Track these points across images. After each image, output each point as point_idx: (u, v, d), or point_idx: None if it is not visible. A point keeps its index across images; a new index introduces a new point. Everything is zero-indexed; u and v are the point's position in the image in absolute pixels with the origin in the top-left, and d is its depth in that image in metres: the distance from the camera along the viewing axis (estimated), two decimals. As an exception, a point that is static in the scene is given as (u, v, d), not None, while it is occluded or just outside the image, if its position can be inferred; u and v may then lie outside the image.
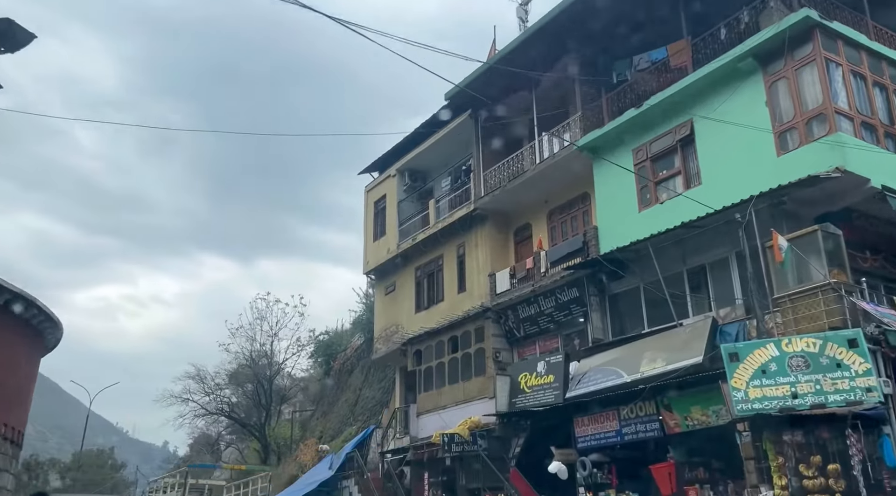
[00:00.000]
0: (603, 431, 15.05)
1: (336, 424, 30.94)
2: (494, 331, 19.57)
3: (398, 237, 23.66)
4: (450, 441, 18.32)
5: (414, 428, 21.61)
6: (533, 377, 16.95)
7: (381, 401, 26.86)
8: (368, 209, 25.72)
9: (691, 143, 15.34)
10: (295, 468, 28.38)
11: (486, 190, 20.24)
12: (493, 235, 20.51)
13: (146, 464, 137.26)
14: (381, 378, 27.93)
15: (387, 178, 24.87)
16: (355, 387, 30.84)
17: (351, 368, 33.21)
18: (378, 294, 25.28)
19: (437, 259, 22.28)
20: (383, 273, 24.72)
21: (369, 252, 25.29)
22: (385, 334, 24.11)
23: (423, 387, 21.66)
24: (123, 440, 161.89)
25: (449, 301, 21.49)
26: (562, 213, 19.13)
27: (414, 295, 23.11)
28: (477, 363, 19.81)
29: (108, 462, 79.25)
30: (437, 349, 21.40)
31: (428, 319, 21.96)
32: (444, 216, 21.81)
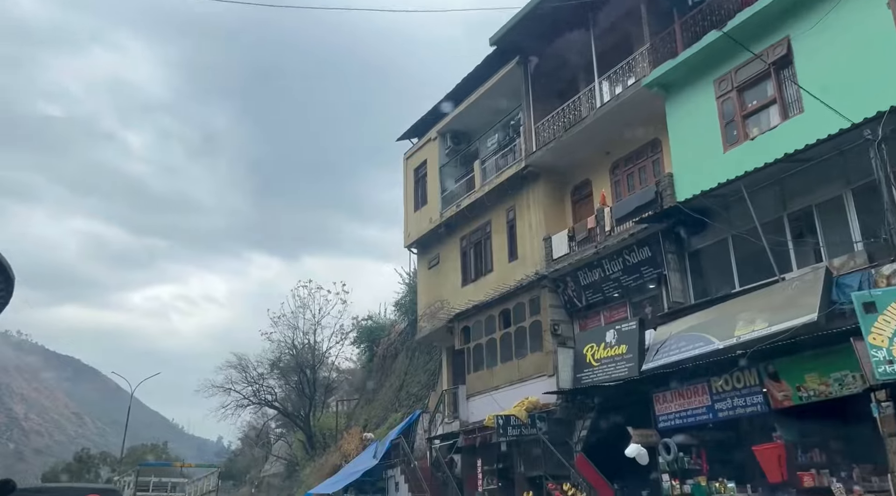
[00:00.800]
0: (690, 408, 12.55)
1: (380, 412, 28.91)
2: (552, 301, 17.20)
3: (441, 205, 21.40)
4: (505, 424, 16.02)
5: (464, 411, 19.37)
6: (601, 348, 14.53)
7: (426, 385, 24.69)
8: (408, 177, 23.50)
9: (788, 65, 12.70)
10: (338, 458, 26.42)
11: (539, 144, 17.82)
12: (548, 195, 18.10)
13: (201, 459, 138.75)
14: (427, 360, 25.76)
15: (427, 143, 22.62)
16: (399, 372, 28.75)
17: (395, 353, 31.14)
18: (421, 268, 23.07)
19: (485, 226, 19.95)
20: (426, 245, 22.48)
21: (410, 223, 23.09)
22: (429, 311, 21.90)
23: (473, 366, 19.41)
24: (179, 435, 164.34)
25: (499, 271, 19.16)
26: (627, 164, 16.61)
27: (460, 267, 20.82)
28: (533, 338, 17.46)
29: (162, 456, 79.44)
30: (488, 324, 19.10)
31: (476, 292, 19.68)
32: (491, 177, 19.47)
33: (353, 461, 24.33)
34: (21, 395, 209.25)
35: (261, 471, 71.23)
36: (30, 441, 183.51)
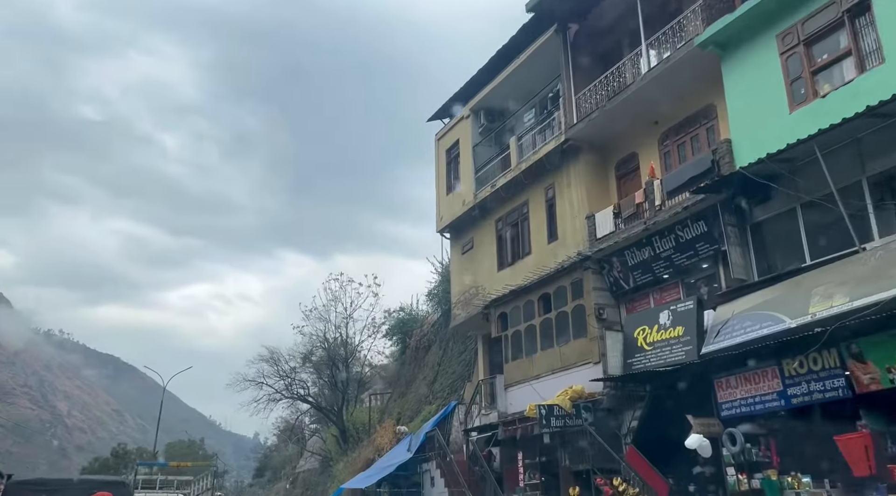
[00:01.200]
0: (759, 394, 11.22)
1: (414, 404, 27.89)
2: (595, 283, 15.94)
3: (475, 186, 20.25)
4: (548, 414, 14.82)
5: (502, 402, 18.21)
6: (654, 331, 13.26)
7: (461, 376, 23.58)
8: (440, 159, 22.39)
9: (865, 12, 11.30)
10: (371, 452, 25.47)
11: (580, 116, 16.57)
12: (590, 170, 16.84)
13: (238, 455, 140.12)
14: (462, 350, 24.65)
15: (459, 121, 21.48)
16: (433, 364, 27.70)
17: (428, 344, 30.09)
18: (454, 254, 21.96)
19: (522, 206, 18.76)
20: (459, 229, 21.36)
21: (443, 206, 21.98)
22: (464, 298, 20.78)
23: (511, 355, 18.25)
24: (216, 432, 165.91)
25: (537, 253, 17.95)
26: (678, 133, 15.28)
27: (495, 250, 19.66)
28: (575, 323, 16.24)
29: (200, 452, 79.43)
30: (526, 310, 17.92)
31: (513, 277, 18.51)
32: (528, 154, 18.26)
33: (386, 455, 23.35)
34: (64, 393, 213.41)
35: (296, 467, 70.90)
36: (73, 438, 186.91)
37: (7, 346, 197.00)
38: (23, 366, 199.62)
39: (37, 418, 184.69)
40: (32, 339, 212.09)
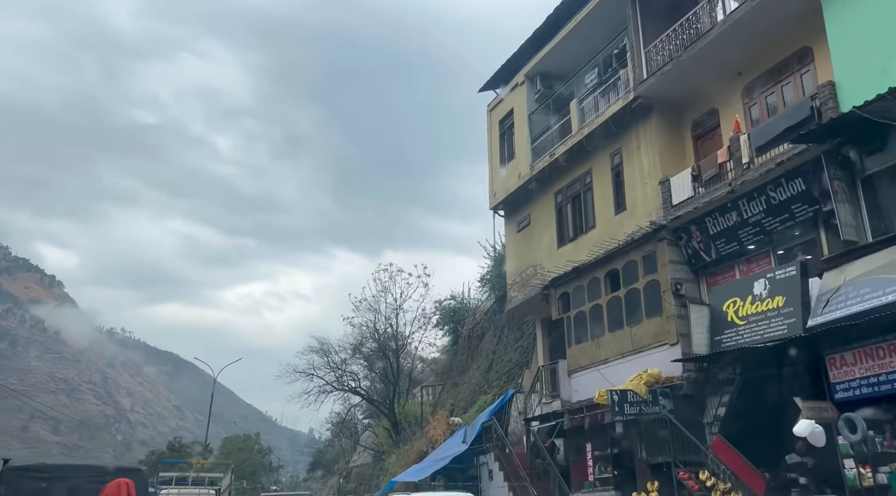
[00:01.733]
0: (884, 372, 9.39)
1: (467, 395, 26.45)
2: (672, 256, 14.18)
3: (531, 157, 18.65)
4: (621, 400, 13.17)
5: (565, 389, 16.59)
6: (748, 303, 11.50)
7: (519, 363, 22.02)
8: (493, 131, 20.83)
9: None
10: (424, 444, 24.13)
11: (650, 70, 14.82)
12: (662, 131, 15.07)
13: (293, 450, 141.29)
14: (518, 336, 23.08)
15: (514, 89, 19.88)
16: (487, 353, 26.20)
17: (481, 333, 28.59)
18: (509, 232, 20.39)
19: (584, 175, 17.09)
20: (514, 205, 19.79)
21: (496, 181, 20.44)
22: (520, 279, 19.22)
23: (575, 338, 16.61)
24: (272, 427, 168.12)
25: (603, 226, 16.27)
26: (766, 83, 13.40)
27: (555, 225, 18.04)
28: (648, 301, 14.50)
29: (255, 447, 79.76)
30: (591, 289, 16.25)
31: (575, 253, 16.86)
32: (591, 118, 16.56)
33: (440, 447, 21.98)
34: (127, 389, 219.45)
35: (349, 462, 70.41)
36: (136, 433, 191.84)
37: (73, 345, 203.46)
38: (87, 363, 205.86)
39: (101, 414, 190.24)
40: (96, 338, 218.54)
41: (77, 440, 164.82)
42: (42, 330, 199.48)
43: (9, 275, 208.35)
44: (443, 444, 22.00)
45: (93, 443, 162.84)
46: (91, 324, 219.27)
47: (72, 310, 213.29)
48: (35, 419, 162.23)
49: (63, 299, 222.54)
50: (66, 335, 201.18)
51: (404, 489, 23.25)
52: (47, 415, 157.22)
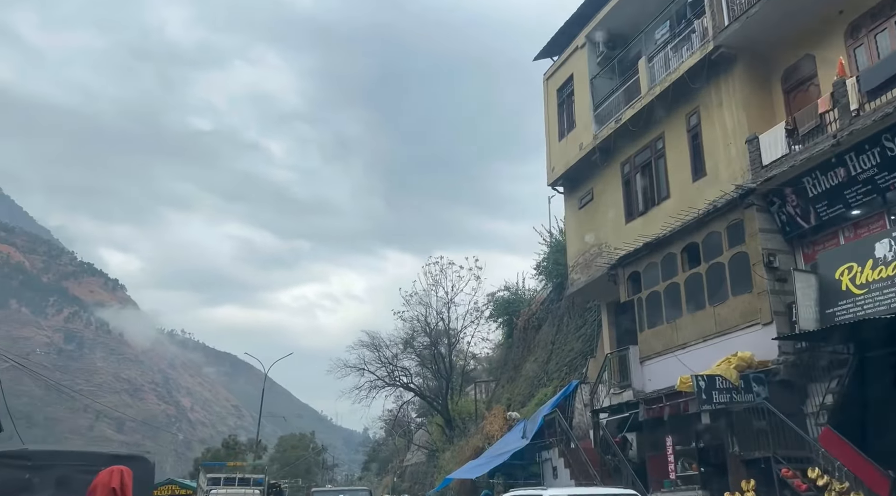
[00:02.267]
0: None
1: (525, 388, 24.87)
2: (762, 224, 12.38)
3: (594, 125, 16.97)
4: (708, 388, 11.46)
5: (637, 378, 14.90)
6: (867, 268, 9.67)
7: (581, 352, 20.34)
8: (550, 101, 19.20)
9: None
10: (480, 440, 22.66)
11: (732, 16, 13.02)
12: (747, 84, 13.24)
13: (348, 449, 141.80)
14: (580, 324, 21.37)
15: (573, 53, 18.22)
16: (545, 343, 24.56)
17: (538, 324, 26.96)
18: (569, 210, 18.74)
19: (655, 141, 15.35)
20: (575, 179, 18.14)
21: (554, 155, 18.81)
22: (583, 260, 17.56)
23: (647, 322, 14.90)
24: (327, 427, 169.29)
25: (678, 195, 14.51)
26: (875, 19, 11.48)
27: (622, 199, 16.33)
28: (735, 276, 12.73)
29: (310, 445, 79.91)
30: (666, 266, 14.52)
31: (646, 228, 15.15)
32: (662, 76, 14.81)
33: (497, 443, 20.48)
34: (187, 389, 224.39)
35: (403, 461, 69.64)
36: (196, 432, 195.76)
37: (136, 346, 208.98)
38: (150, 364, 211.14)
39: (163, 413, 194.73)
40: (158, 339, 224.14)
41: (140, 439, 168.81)
42: (107, 332, 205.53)
43: (75, 280, 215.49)
44: (500, 440, 20.50)
45: (155, 441, 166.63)
46: (152, 325, 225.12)
47: (134, 313, 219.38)
48: (101, 419, 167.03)
49: (126, 302, 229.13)
50: (129, 337, 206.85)
51: (460, 486, 21.88)
52: (112, 415, 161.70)
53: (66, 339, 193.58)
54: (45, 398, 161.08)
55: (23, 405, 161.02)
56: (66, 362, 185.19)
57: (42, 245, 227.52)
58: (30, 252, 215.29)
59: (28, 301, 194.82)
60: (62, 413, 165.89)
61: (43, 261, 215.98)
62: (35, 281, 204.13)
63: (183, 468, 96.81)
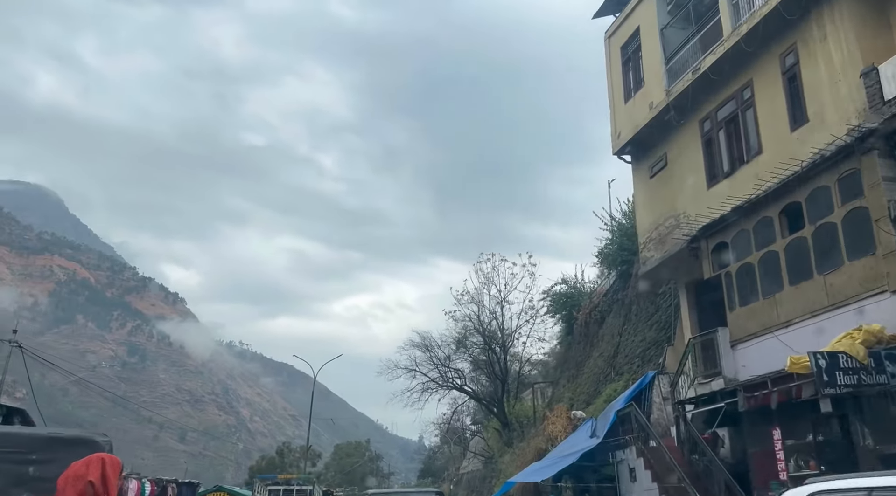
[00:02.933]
0: None
1: (589, 386, 22.74)
2: (886, 171, 10.18)
3: (666, 79, 14.91)
4: (831, 367, 9.32)
5: (728, 365, 12.75)
6: None
7: (655, 341, 18.17)
8: (613, 60, 17.20)
9: None
10: (542, 441, 20.64)
11: (838, -72, 10.89)
12: (858, 8, 11.07)
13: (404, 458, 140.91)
14: (652, 311, 19.19)
15: (638, 4, 16.16)
16: (611, 336, 22.40)
17: (600, 317, 24.80)
18: (638, 180, 16.66)
19: (742, 90, 13.21)
20: (645, 145, 16.09)
21: (620, 119, 16.80)
22: (657, 235, 15.48)
23: (739, 299, 12.76)
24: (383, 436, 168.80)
25: (773, 149, 12.35)
26: None
27: (702, 161, 14.21)
28: (851, 236, 10.55)
29: (366, 454, 79.22)
30: (760, 232, 12.37)
31: (733, 191, 13.00)
32: (750, 12, 12.69)
33: (562, 443, 18.46)
34: (246, 400, 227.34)
35: (458, 468, 67.82)
36: (255, 441, 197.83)
37: (196, 358, 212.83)
38: (209, 375, 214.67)
39: (224, 423, 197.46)
40: (217, 351, 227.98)
41: (202, 449, 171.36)
42: (168, 344, 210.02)
43: (137, 294, 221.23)
44: (565, 441, 18.47)
45: (217, 450, 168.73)
46: (212, 337, 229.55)
47: (194, 325, 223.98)
48: (164, 429, 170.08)
49: (186, 315, 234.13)
50: (190, 349, 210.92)
51: (522, 490, 19.90)
52: (175, 425, 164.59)
53: (130, 352, 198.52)
54: (112, 409, 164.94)
55: (91, 416, 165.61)
56: (130, 374, 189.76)
57: (106, 261, 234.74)
58: (95, 268, 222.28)
59: (94, 315, 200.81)
60: (128, 424, 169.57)
61: (107, 277, 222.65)
62: (100, 296, 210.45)
63: (242, 477, 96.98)
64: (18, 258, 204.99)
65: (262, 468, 53.71)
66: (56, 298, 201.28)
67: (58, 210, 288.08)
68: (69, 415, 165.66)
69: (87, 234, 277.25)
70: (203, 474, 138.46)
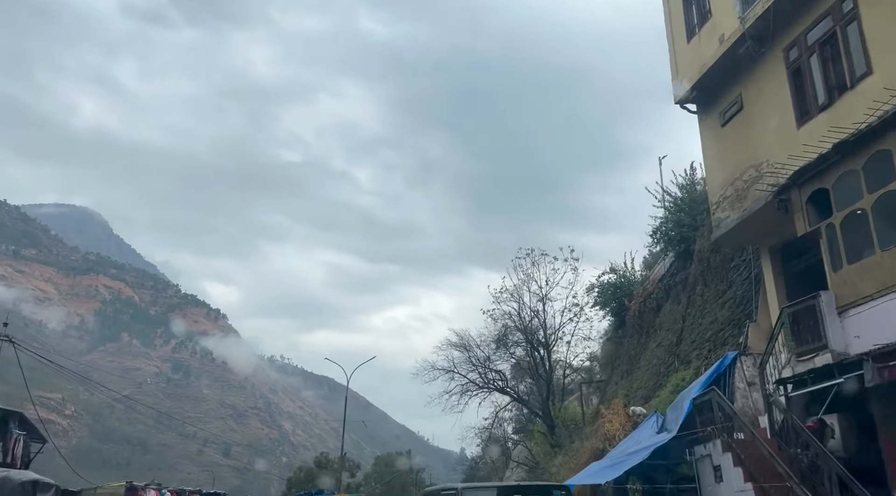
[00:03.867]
0: None
1: (647, 380, 20.26)
2: None
3: (739, 5, 12.56)
4: None
5: (836, 335, 10.33)
6: None
7: (730, 321, 15.62)
8: (671, -4, 14.90)
9: None
10: (599, 441, 18.26)
11: None
12: None
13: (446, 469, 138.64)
14: (724, 288, 16.63)
15: (700, -78, 13.94)
16: (671, 323, 19.90)
17: (657, 304, 22.31)
18: (707, 131, 14.26)
19: (837, 4, 10.84)
20: (713, 88, 13.72)
21: (682, 62, 14.47)
22: (733, 192, 13.10)
23: (846, 255, 10.36)
24: (424, 447, 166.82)
25: (886, 67, 9.95)
26: None
27: (789, 95, 11.81)
28: None
29: (407, 465, 77.97)
30: (873, 171, 9.97)
31: (832, 124, 10.61)
32: None
33: (623, 441, 16.09)
34: (288, 413, 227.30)
35: (502, 478, 65.39)
36: (298, 454, 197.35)
37: (238, 372, 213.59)
38: (252, 389, 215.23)
39: (266, 437, 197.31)
40: (258, 365, 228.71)
41: (246, 463, 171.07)
42: (211, 360, 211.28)
43: (180, 311, 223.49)
44: (627, 438, 16.10)
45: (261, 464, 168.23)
46: (253, 352, 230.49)
47: (236, 340, 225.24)
48: (209, 444, 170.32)
49: (228, 330, 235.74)
50: (232, 364, 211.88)
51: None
52: (219, 440, 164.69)
53: (174, 368, 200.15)
54: (158, 425, 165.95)
55: (137, 432, 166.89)
56: (175, 390, 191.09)
57: (149, 280, 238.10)
58: (138, 287, 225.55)
59: (138, 333, 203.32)
60: (173, 439, 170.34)
61: (150, 295, 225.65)
62: (143, 314, 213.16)
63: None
64: (65, 279, 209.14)
65: (301, 479, 51.94)
66: (101, 317, 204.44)
67: (102, 231, 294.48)
68: (115, 431, 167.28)
69: (131, 253, 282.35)
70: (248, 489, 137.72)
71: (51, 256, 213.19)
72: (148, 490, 18.21)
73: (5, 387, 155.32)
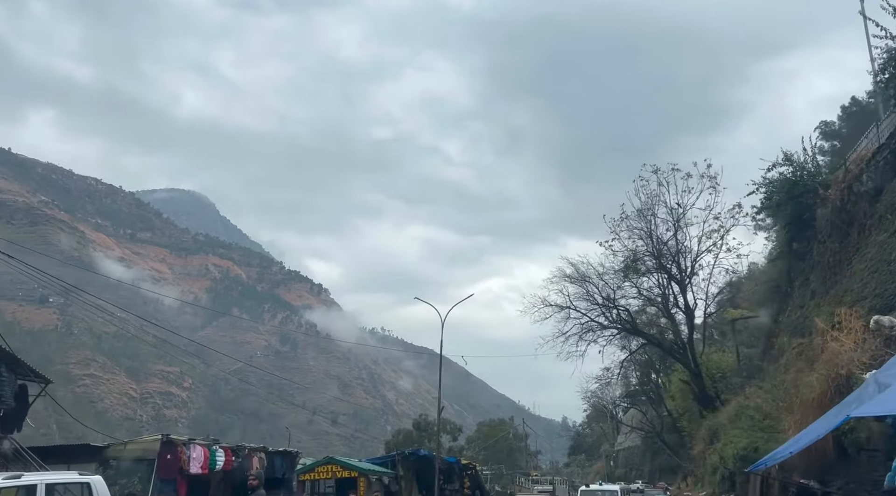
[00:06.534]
0: None
1: (880, 283, 13.47)
2: None
3: None
4: None
5: None
6: None
7: None
8: None
9: None
10: (825, 367, 11.80)
11: None
12: None
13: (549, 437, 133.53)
14: None
15: None
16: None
17: (874, 189, 15.30)
18: None
19: None
20: None
21: None
22: None
23: None
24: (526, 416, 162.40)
25: None
26: None
27: None
28: None
29: (510, 431, 74.24)
30: None
31: None
32: None
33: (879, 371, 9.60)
34: (391, 384, 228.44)
35: (614, 445, 59.60)
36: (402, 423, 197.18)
37: (342, 344, 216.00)
38: (356, 361, 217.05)
39: (371, 406, 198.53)
40: (361, 337, 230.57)
41: (353, 431, 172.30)
42: (315, 333, 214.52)
43: (285, 287, 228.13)
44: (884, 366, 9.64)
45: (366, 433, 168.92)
46: (355, 325, 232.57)
47: (338, 314, 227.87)
48: (317, 413, 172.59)
49: (330, 304, 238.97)
50: (336, 336, 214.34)
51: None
52: (326, 410, 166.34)
53: (282, 341, 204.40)
54: (269, 396, 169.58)
55: (250, 403, 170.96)
56: (283, 362, 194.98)
57: (255, 258, 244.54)
58: (246, 265, 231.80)
59: (247, 309, 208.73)
60: (283, 409, 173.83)
61: (257, 273, 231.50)
62: (251, 290, 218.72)
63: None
64: (178, 259, 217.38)
65: (399, 442, 47.77)
66: (213, 294, 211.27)
67: (210, 213, 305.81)
68: (230, 403, 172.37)
69: (238, 233, 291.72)
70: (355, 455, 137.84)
71: (164, 238, 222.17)
72: (193, 446, 13.68)
73: (130, 362, 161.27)
